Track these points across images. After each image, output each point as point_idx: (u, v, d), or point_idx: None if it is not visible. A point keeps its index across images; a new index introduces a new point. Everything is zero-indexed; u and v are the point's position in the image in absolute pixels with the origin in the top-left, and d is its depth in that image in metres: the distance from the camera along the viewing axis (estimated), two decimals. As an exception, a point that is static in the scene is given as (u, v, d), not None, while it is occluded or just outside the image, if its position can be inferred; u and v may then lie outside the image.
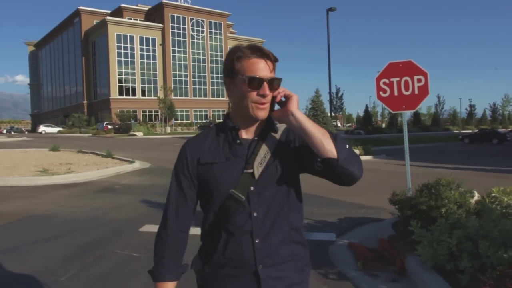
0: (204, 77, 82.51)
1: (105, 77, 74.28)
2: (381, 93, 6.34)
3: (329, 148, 1.44)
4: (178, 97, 73.60)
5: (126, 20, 76.07)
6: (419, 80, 6.12)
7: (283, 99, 1.55)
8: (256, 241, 1.52)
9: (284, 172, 1.57)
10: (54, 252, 5.43)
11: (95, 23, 78.74)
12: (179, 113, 72.76)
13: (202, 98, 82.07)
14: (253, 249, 1.52)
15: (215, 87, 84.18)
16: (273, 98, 1.54)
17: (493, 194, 5.29)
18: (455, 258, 4.10)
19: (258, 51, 1.51)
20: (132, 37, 74.74)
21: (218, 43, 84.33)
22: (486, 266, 3.79)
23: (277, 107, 1.58)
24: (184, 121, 75.00)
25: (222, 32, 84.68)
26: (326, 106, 27.48)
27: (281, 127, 1.64)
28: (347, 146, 1.49)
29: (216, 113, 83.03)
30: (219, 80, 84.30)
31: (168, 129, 58.70)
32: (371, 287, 4.33)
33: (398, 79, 6.20)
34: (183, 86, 79.61)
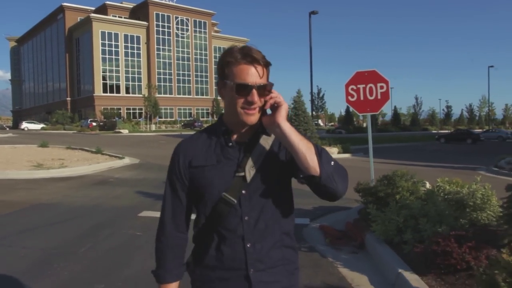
0: (189, 75, 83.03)
1: (89, 74, 74.26)
2: (349, 97, 7.36)
3: (313, 165, 1.42)
4: (162, 95, 73.99)
5: (110, 17, 76.16)
6: (381, 87, 7.15)
7: (268, 110, 1.54)
8: (248, 245, 1.53)
9: (276, 176, 1.56)
10: (68, 232, 6.32)
11: (79, 20, 78.57)
12: (163, 111, 73.21)
13: (186, 96, 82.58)
14: (244, 253, 1.53)
15: (199, 86, 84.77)
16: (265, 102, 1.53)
17: (438, 184, 6.37)
18: (401, 232, 5.12)
19: (248, 57, 1.48)
20: (116, 35, 74.85)
21: (203, 42, 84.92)
22: (424, 238, 4.81)
23: (269, 111, 1.56)
24: (168, 119, 75.44)
25: (207, 31, 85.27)
26: (308, 106, 28.53)
27: None
28: (332, 163, 1.47)
29: (200, 111, 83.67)
30: (203, 79, 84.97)
31: (153, 127, 59.21)
32: (334, 257, 5.32)
33: (364, 85, 7.22)
34: (168, 84, 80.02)
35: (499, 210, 5.38)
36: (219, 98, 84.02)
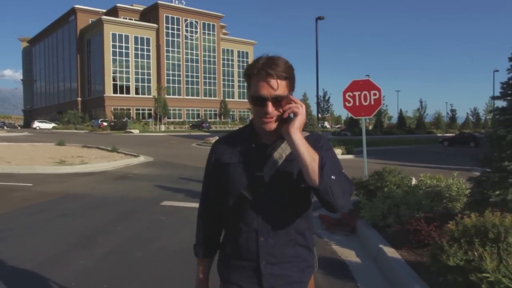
0: (197, 77, 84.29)
1: (100, 75, 75.75)
2: (346, 103, 8.38)
3: (313, 177, 1.48)
4: (171, 96, 75.24)
5: (121, 19, 77.61)
6: (374, 94, 8.16)
7: (291, 115, 1.61)
8: (261, 239, 1.64)
9: (294, 178, 1.63)
10: (102, 216, 7.41)
11: (90, 22, 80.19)
12: (171, 111, 74.52)
13: (195, 97, 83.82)
14: (257, 246, 1.64)
15: (207, 87, 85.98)
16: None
17: (421, 179, 7.38)
18: (385, 218, 6.12)
19: (267, 67, 1.55)
20: (127, 36, 76.31)
21: (211, 44, 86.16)
22: (403, 222, 5.80)
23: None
24: (177, 120, 76.69)
25: (215, 33, 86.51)
26: (314, 108, 29.51)
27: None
28: (333, 177, 1.50)
29: (208, 112, 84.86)
30: (212, 80, 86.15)
31: (163, 127, 60.42)
32: (329, 238, 6.34)
33: (359, 93, 8.23)
34: (176, 85, 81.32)
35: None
36: (227, 99, 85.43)
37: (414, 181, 7.90)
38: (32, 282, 4.29)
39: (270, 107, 1.55)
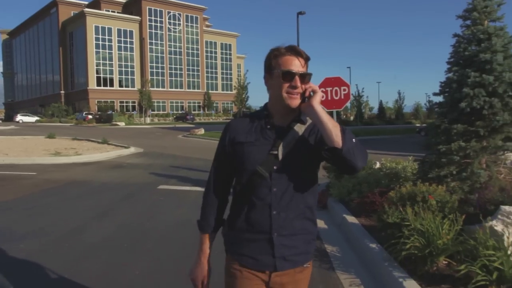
0: (181, 69, 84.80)
1: (83, 68, 75.76)
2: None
3: (337, 139, 1.64)
4: (155, 89, 75.63)
5: (104, 12, 77.56)
6: (344, 90, 9.37)
7: (311, 93, 1.77)
8: (274, 213, 1.79)
9: (305, 157, 1.81)
10: (109, 198, 8.51)
11: (72, 14, 79.91)
12: (155, 104, 75.00)
13: (178, 89, 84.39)
14: (270, 219, 1.79)
15: (191, 79, 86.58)
16: (304, 92, 1.77)
17: (382, 162, 8.64)
18: (350, 194, 7.35)
19: (292, 50, 1.78)
20: (110, 29, 76.37)
21: (195, 36, 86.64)
22: (364, 196, 7.04)
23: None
24: (161, 112, 77.27)
25: (199, 25, 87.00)
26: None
27: (309, 120, 1.84)
28: (354, 140, 1.69)
29: (191, 104, 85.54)
30: (195, 73, 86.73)
31: (148, 120, 61.05)
32: (304, 212, 7.56)
33: (331, 88, 9.43)
34: (160, 77, 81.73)
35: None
36: (210, 91, 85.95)
37: (378, 165, 9.16)
38: (65, 246, 5.39)
39: (299, 82, 1.74)
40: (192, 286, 2.00)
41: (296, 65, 1.76)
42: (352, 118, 67.04)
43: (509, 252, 3.78)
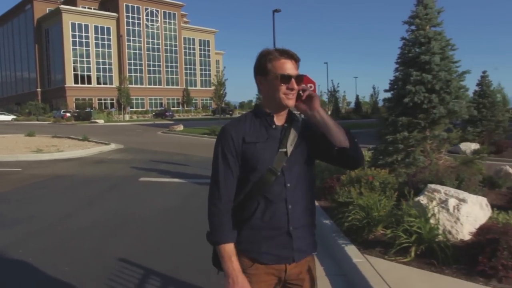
0: (159, 66, 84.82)
1: (60, 65, 75.16)
2: (288, 94, 10.44)
3: (344, 139, 1.82)
4: (133, 85, 75.48)
5: (80, 8, 77.02)
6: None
7: (301, 93, 1.88)
8: (289, 207, 1.87)
9: (308, 153, 1.94)
10: (93, 189, 9.20)
11: (48, 11, 79.00)
12: (134, 101, 74.87)
13: (157, 86, 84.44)
14: (287, 213, 1.86)
15: (169, 76, 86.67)
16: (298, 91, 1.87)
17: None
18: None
19: (286, 53, 1.86)
20: (86, 26, 75.89)
21: (173, 33, 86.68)
22: (325, 182, 7.90)
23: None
24: (140, 109, 77.20)
25: (176, 22, 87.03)
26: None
27: (301, 116, 1.97)
28: (355, 140, 1.87)
29: (170, 101, 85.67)
30: (174, 69, 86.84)
31: (127, 117, 61.14)
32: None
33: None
34: (138, 74, 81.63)
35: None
36: (189, 87, 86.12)
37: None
38: (59, 228, 6.11)
39: (295, 84, 1.83)
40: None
41: (290, 68, 1.84)
42: (329, 112, 68.41)
43: (432, 221, 4.67)
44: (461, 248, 4.44)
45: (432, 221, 4.64)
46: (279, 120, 1.92)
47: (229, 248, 1.83)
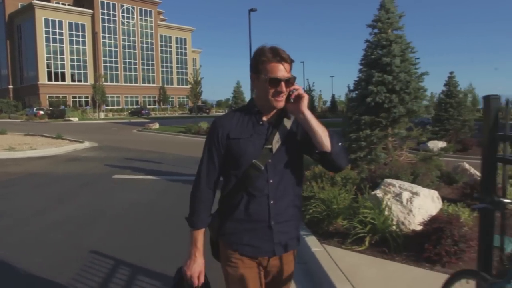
0: (135, 63, 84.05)
1: (33, 62, 73.67)
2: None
3: (326, 144, 1.84)
4: (108, 83, 74.60)
5: (54, 4, 75.61)
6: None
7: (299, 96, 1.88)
8: (271, 202, 1.92)
9: (294, 150, 1.96)
10: (67, 186, 9.31)
11: (20, 6, 77.29)
12: (110, 99, 74.06)
13: (133, 84, 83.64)
14: (268, 208, 1.92)
15: (145, 74, 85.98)
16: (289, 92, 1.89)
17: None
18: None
19: (278, 56, 1.86)
20: (60, 22, 74.58)
21: (149, 30, 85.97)
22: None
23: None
24: (115, 107, 76.37)
25: (153, 19, 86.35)
26: (248, 95, 31.89)
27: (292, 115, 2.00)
28: (340, 144, 1.90)
29: (147, 99, 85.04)
30: (150, 67, 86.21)
31: (102, 115, 60.51)
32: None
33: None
34: (114, 72, 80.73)
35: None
36: (165, 86, 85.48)
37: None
38: (32, 223, 6.25)
39: (284, 87, 1.85)
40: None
41: (281, 70, 1.85)
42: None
43: (386, 213, 5.03)
44: (412, 237, 4.81)
45: (386, 212, 4.99)
46: (268, 116, 1.96)
47: (197, 233, 2.00)
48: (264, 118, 1.96)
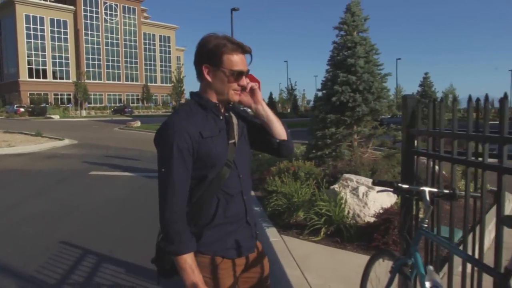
0: (118, 61, 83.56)
1: (13, 59, 72.78)
2: (234, 92, 11.04)
3: (283, 132, 1.92)
4: (91, 81, 74.17)
5: (35, 0, 74.62)
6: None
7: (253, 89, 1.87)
8: (245, 198, 1.88)
9: (247, 143, 1.95)
10: (44, 181, 9.47)
11: (0, 2, 76.21)
12: (92, 96, 73.63)
13: (116, 82, 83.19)
14: (244, 204, 1.87)
15: (129, 72, 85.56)
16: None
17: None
18: (253, 173, 8.81)
19: (240, 47, 1.76)
20: (42, 19, 73.83)
21: (132, 28, 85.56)
22: (262, 174, 8.52)
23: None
24: (98, 105, 75.87)
25: (136, 17, 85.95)
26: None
27: (234, 107, 1.96)
28: (288, 130, 1.98)
29: (130, 97, 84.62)
30: (133, 65, 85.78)
31: (84, 113, 60.11)
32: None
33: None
34: (96, 69, 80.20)
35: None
36: (149, 84, 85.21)
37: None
38: (5, 217, 6.43)
39: (245, 80, 1.81)
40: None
41: (243, 63, 1.77)
42: (288, 110, 69.60)
43: (343, 206, 5.35)
44: (365, 228, 5.13)
45: (342, 205, 5.32)
46: (222, 111, 1.86)
47: (190, 259, 1.69)
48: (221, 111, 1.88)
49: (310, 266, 4.16)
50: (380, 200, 5.68)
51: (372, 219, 5.36)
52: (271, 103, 68.54)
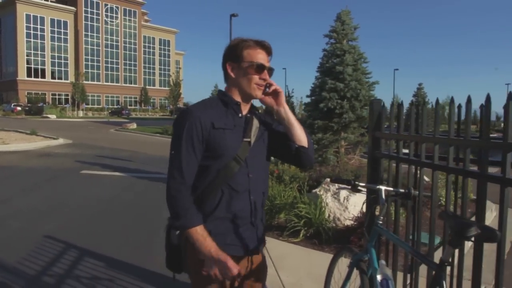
0: (117, 63, 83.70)
1: (12, 57, 72.79)
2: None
3: (304, 139, 1.90)
4: (89, 82, 74.18)
5: (36, 0, 74.83)
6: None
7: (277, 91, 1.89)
8: (252, 198, 1.87)
9: (267, 147, 1.96)
10: (35, 178, 9.56)
11: (1, 0, 76.35)
12: (90, 97, 73.62)
13: (114, 84, 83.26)
14: (250, 204, 1.86)
15: (127, 74, 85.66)
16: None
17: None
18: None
19: (261, 44, 1.86)
20: (42, 18, 73.93)
21: (132, 31, 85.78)
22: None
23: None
24: (96, 106, 75.88)
25: (137, 19, 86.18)
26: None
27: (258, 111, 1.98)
28: (312, 141, 1.98)
29: (128, 99, 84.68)
30: (132, 67, 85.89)
31: (81, 113, 60.16)
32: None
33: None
34: (95, 71, 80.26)
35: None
36: (147, 87, 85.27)
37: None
38: (-7, 211, 6.55)
39: (267, 75, 1.86)
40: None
41: (265, 59, 1.85)
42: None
43: (323, 209, 5.48)
44: (343, 231, 5.26)
45: (323, 208, 5.45)
46: (243, 109, 1.89)
47: (201, 230, 1.75)
48: (243, 111, 1.90)
49: (286, 265, 4.27)
50: (360, 204, 5.81)
51: (351, 223, 5.50)
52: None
